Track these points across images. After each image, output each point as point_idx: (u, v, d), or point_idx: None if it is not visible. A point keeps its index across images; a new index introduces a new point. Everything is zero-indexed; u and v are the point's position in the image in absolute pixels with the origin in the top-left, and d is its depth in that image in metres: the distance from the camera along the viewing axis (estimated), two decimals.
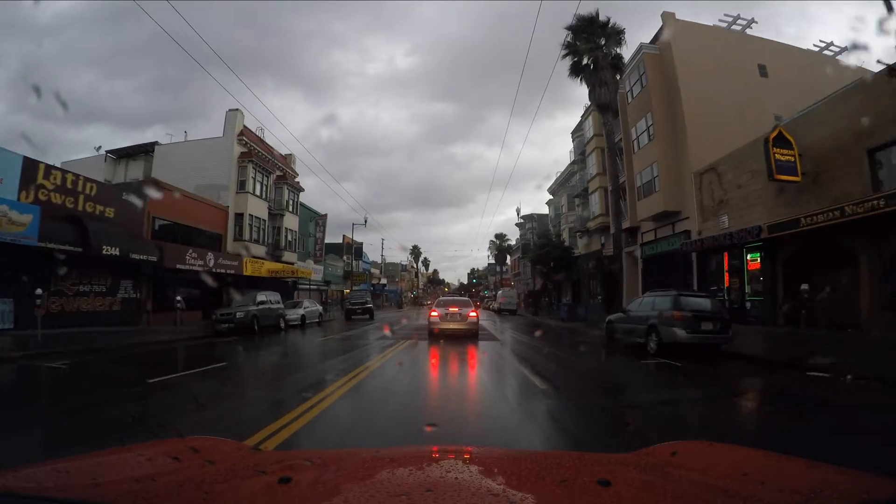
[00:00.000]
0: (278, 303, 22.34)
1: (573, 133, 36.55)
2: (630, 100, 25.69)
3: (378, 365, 9.69)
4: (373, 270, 66.69)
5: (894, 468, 1.31)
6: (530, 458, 1.63)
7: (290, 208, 34.72)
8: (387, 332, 18.71)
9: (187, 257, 22.19)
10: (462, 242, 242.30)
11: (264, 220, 31.04)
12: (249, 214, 29.30)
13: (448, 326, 14.41)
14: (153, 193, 20.15)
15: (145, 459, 1.28)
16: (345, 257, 50.07)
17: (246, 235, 28.76)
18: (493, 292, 71.60)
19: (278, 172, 34.22)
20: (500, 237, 64.69)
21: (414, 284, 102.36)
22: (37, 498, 0.95)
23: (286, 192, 34.13)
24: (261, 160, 30.92)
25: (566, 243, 31.78)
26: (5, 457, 3.61)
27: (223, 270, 24.75)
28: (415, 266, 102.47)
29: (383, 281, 69.57)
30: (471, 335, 14.41)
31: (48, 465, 1.18)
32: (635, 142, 25.27)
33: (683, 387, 8.07)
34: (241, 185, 29.40)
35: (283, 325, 21.29)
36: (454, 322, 14.52)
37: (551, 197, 43.45)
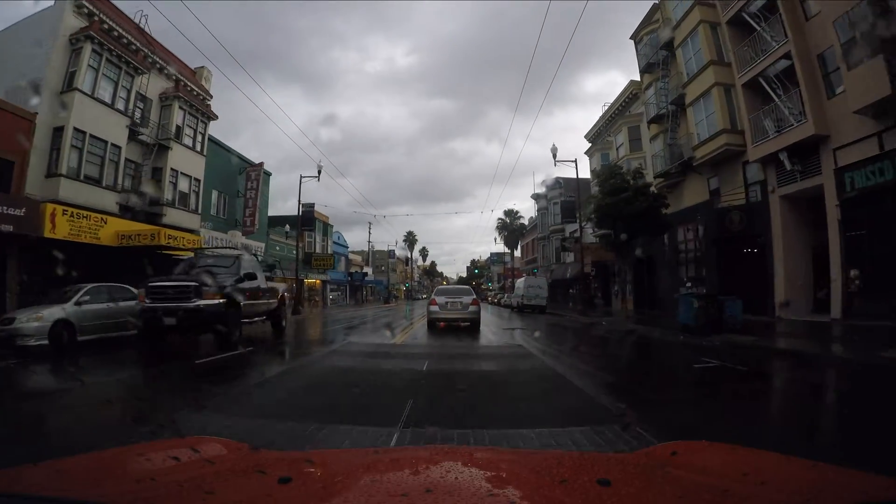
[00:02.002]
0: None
1: (638, 34, 23.06)
2: None
3: None
4: (353, 256, 53.40)
5: (894, 468, 1.10)
6: (530, 458, 1.61)
7: (190, 142, 21.42)
8: None
9: None
10: (461, 237, 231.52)
11: (118, 149, 17.68)
12: (81, 131, 15.98)
13: (448, 316, 13.62)
14: None
15: (145, 459, 1.25)
16: (310, 235, 36.78)
17: (66, 166, 15.45)
18: (506, 281, 58.41)
19: (167, 82, 20.86)
20: (511, 214, 51.19)
21: (408, 276, 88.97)
22: (37, 498, 0.94)
23: (179, 114, 20.81)
24: (117, 45, 17.48)
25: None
26: None
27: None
28: (409, 256, 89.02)
29: (366, 270, 56.29)
30: (472, 325, 13.57)
31: (48, 465, 1.15)
32: None
33: None
34: (70, 81, 16.07)
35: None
36: (454, 312, 13.56)
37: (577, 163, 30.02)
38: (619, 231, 17.13)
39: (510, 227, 51.11)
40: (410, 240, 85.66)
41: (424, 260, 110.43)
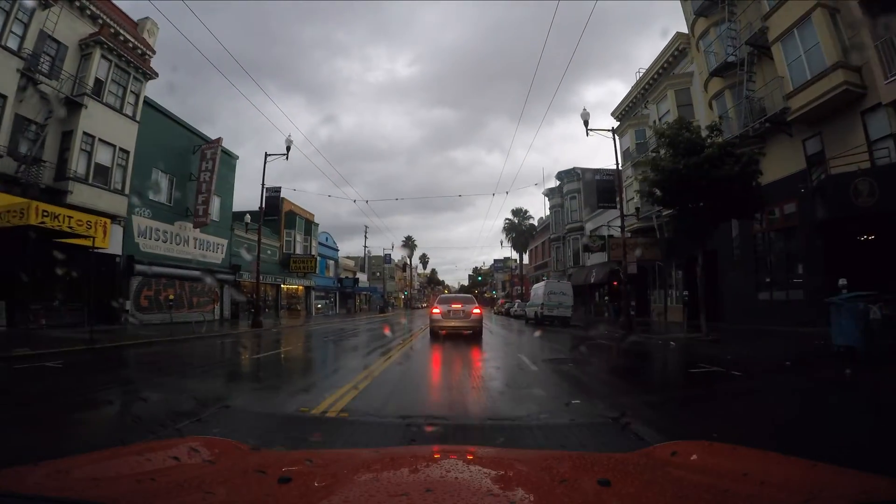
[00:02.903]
0: None
1: None
2: None
3: None
4: (345, 262, 48.46)
5: (894, 468, 1.18)
6: (530, 457, 1.59)
7: (115, 103, 16.62)
8: None
9: None
10: (463, 246, 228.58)
11: (2, 99, 12.88)
12: None
13: (451, 324, 13.12)
14: None
15: (145, 459, 1.24)
16: (290, 234, 31.86)
17: None
18: (513, 289, 53.16)
19: (92, 26, 16.11)
20: (520, 214, 45.86)
21: (407, 283, 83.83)
22: (37, 498, 0.94)
23: (102, 65, 16.04)
24: None
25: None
26: None
27: None
28: (408, 262, 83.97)
29: (360, 276, 51.29)
30: (475, 333, 13.21)
31: (48, 464, 1.14)
32: None
33: None
34: None
35: None
36: (457, 319, 13.17)
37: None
38: (686, 211, 12.14)
39: (518, 229, 45.80)
40: (409, 245, 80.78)
41: (425, 267, 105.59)
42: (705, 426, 4.02)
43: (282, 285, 30.54)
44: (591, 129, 17.56)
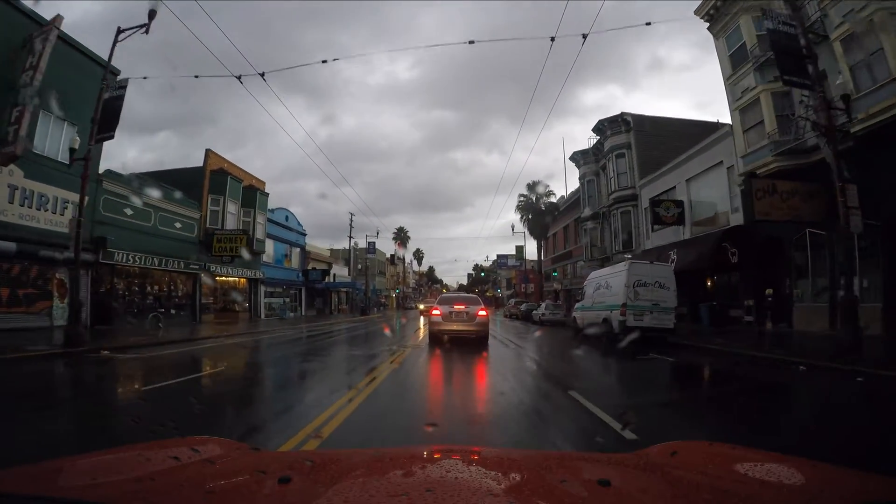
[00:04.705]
0: None
1: None
2: None
3: None
4: (317, 251, 38.98)
5: (894, 468, 1.16)
6: (530, 458, 1.54)
7: None
8: None
9: None
10: (462, 246, 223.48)
11: None
12: None
13: (452, 328, 11.40)
14: None
15: (145, 459, 1.21)
16: (220, 202, 22.41)
17: None
18: (522, 286, 43.59)
19: None
20: (536, 188, 35.46)
21: (400, 280, 74.25)
22: (37, 498, 0.93)
23: None
24: None
25: None
26: None
27: None
28: (401, 256, 74.33)
29: (338, 270, 41.76)
30: (480, 339, 11.36)
31: (48, 464, 1.14)
32: None
33: None
34: None
35: None
36: (460, 322, 11.42)
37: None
38: None
39: (536, 208, 35.93)
40: (402, 236, 71.23)
41: (420, 263, 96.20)
42: None
43: (202, 275, 21.01)
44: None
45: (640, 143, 23.04)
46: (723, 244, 15.17)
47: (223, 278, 23.44)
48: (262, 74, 11.23)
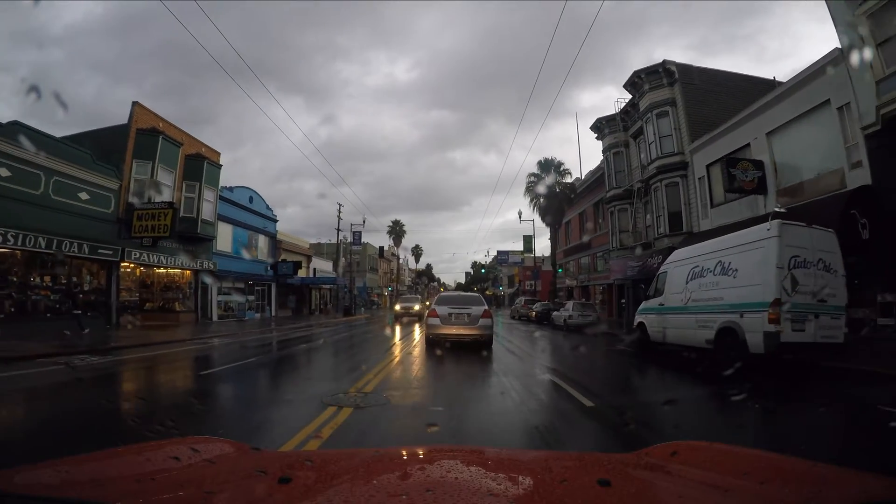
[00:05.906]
0: None
1: None
2: None
3: None
4: (289, 240, 33.90)
5: (894, 468, 1.08)
6: (530, 458, 1.57)
7: None
8: None
9: None
10: (460, 245, 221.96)
11: None
12: None
13: (452, 332, 10.37)
14: None
15: (145, 459, 1.21)
16: (147, 168, 17.37)
17: None
18: (527, 283, 38.69)
19: None
20: (550, 166, 30.18)
21: (393, 278, 69.20)
22: (37, 498, 0.92)
23: None
24: None
25: None
26: None
27: None
28: (395, 252, 69.28)
29: (321, 263, 36.67)
30: (483, 344, 10.36)
31: (48, 464, 1.11)
32: None
33: None
34: None
35: None
36: (460, 325, 10.41)
37: None
38: None
39: (550, 190, 30.21)
40: (397, 231, 66.18)
41: (418, 261, 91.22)
42: None
43: (122, 263, 15.96)
44: None
45: (688, 97, 18.12)
46: (850, 211, 10.23)
47: (161, 270, 18.36)
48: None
